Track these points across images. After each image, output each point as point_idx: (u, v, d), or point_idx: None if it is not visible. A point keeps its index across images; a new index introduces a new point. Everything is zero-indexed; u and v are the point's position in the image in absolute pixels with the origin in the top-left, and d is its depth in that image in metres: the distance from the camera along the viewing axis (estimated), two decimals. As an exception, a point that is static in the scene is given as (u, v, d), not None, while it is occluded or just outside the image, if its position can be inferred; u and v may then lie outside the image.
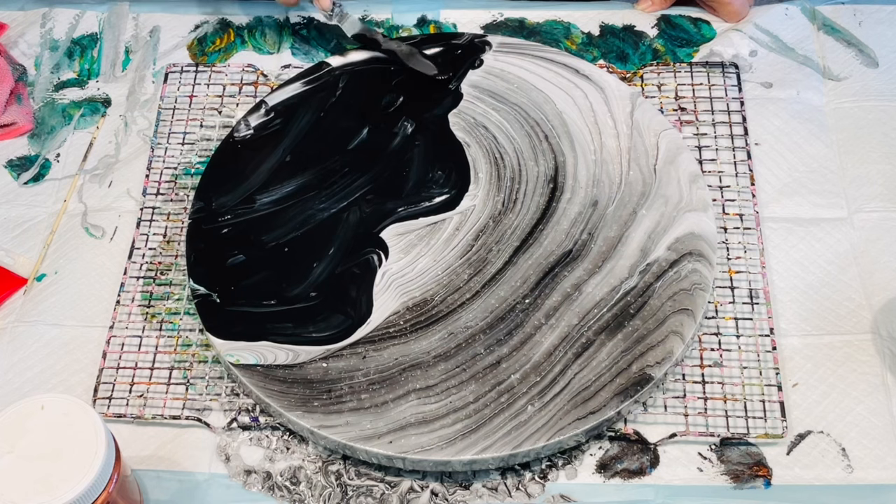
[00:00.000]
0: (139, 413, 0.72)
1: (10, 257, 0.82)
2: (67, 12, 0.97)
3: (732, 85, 0.86)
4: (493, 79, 0.86)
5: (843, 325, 0.74)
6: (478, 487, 0.69)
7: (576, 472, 0.69)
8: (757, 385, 0.71)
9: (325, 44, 0.93)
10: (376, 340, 0.72)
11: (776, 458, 0.69)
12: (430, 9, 0.94)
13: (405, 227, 0.78)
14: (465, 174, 0.81)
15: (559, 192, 0.79)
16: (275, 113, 0.85)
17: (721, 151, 0.83)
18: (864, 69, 0.88)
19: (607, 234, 0.76)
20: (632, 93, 0.84)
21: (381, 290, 0.74)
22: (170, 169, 0.85)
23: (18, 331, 0.77)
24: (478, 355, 0.71)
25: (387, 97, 0.85)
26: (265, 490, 0.69)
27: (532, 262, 0.75)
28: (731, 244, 0.77)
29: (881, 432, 0.69)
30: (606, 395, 0.68)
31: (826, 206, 0.80)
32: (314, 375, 0.70)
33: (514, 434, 0.67)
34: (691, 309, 0.72)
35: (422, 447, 0.66)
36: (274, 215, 0.79)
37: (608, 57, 0.90)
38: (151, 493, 0.69)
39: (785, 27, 0.90)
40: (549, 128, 0.83)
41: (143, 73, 0.92)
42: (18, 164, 0.88)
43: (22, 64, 0.94)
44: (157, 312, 0.77)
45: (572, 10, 0.94)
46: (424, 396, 0.69)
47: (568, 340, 0.71)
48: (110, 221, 0.83)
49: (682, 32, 0.91)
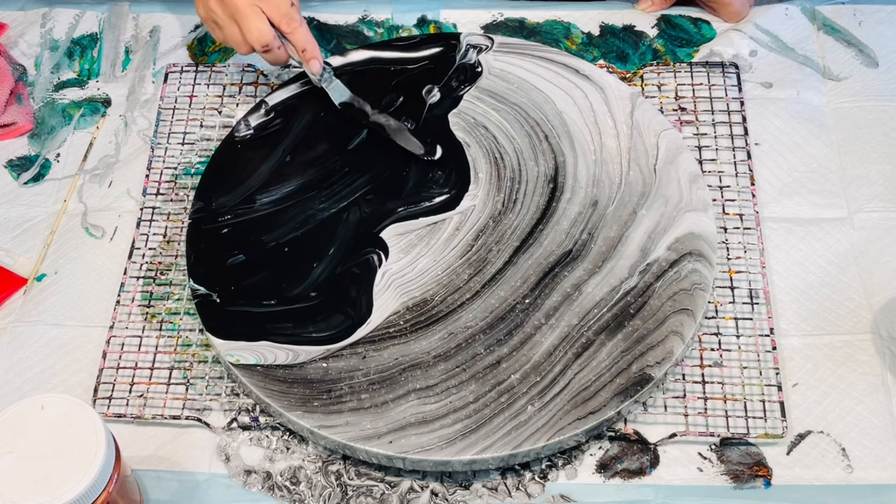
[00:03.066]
0: (139, 413, 0.72)
1: (10, 257, 0.82)
2: (67, 12, 0.97)
3: (732, 85, 0.86)
4: (493, 79, 0.86)
5: (843, 325, 0.74)
6: (478, 487, 0.69)
7: (576, 472, 0.69)
8: (757, 385, 0.71)
9: (325, 44, 0.93)
10: (376, 340, 0.72)
11: (776, 458, 0.69)
12: (430, 9, 0.94)
13: (405, 227, 0.78)
14: (465, 174, 0.81)
15: (559, 192, 0.79)
16: (275, 113, 0.85)
17: (721, 151, 0.83)
18: (864, 69, 0.88)
19: (607, 234, 0.76)
20: (632, 93, 0.84)
21: (381, 290, 0.74)
22: (170, 169, 0.85)
23: (18, 331, 0.77)
24: (478, 355, 0.71)
25: (387, 97, 0.85)
26: (265, 490, 0.69)
27: (532, 262, 0.75)
28: (731, 244, 0.77)
29: (881, 432, 0.69)
30: (606, 395, 0.68)
31: (826, 206, 0.80)
32: (314, 375, 0.70)
33: (514, 434, 0.67)
34: (691, 309, 0.72)
35: (422, 447, 0.66)
36: (274, 215, 0.79)
37: (608, 57, 0.90)
38: (151, 493, 0.69)
39: (785, 27, 0.90)
40: (549, 128, 0.83)
41: (143, 73, 0.92)
42: (18, 164, 0.88)
43: (22, 64, 0.94)
44: (157, 312, 0.77)
45: (572, 10, 0.94)
46: (424, 396, 0.69)
47: (568, 340, 0.71)
48: (110, 221, 0.83)
49: (682, 32, 0.91)
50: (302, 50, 0.80)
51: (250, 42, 0.79)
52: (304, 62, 0.81)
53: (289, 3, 0.79)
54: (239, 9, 0.78)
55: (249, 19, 0.78)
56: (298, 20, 0.79)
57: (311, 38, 0.81)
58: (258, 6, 0.78)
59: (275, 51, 0.80)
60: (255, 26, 0.78)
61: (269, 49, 0.80)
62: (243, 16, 0.78)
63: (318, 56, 0.81)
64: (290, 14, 0.79)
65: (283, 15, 0.79)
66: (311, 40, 0.81)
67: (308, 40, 0.80)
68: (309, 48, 0.81)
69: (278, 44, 0.80)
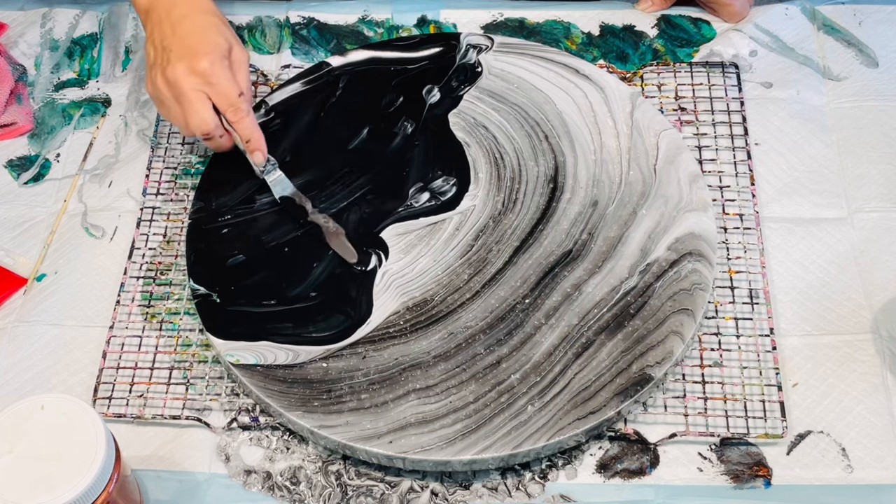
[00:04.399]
0: (139, 413, 0.72)
1: (10, 257, 0.82)
2: (67, 12, 0.97)
3: (732, 85, 0.86)
4: (493, 79, 0.86)
5: (843, 325, 0.74)
6: (478, 487, 0.69)
7: (576, 472, 0.69)
8: (757, 385, 0.71)
9: (325, 44, 0.93)
10: (376, 340, 0.72)
11: (776, 458, 0.69)
12: (430, 9, 0.94)
13: (405, 227, 0.78)
14: (465, 174, 0.81)
15: (559, 192, 0.79)
16: (275, 113, 0.85)
17: (721, 151, 0.83)
18: (864, 69, 0.88)
19: (607, 234, 0.76)
20: (632, 93, 0.84)
21: (381, 290, 0.74)
22: (170, 169, 0.85)
23: (18, 331, 0.77)
24: (478, 355, 0.71)
25: (387, 97, 0.85)
26: (265, 490, 0.69)
27: (532, 262, 0.75)
28: (731, 244, 0.77)
29: (881, 432, 0.69)
30: (606, 395, 0.68)
31: (826, 206, 0.80)
32: (314, 375, 0.70)
33: (514, 434, 0.67)
34: (691, 309, 0.71)
35: (422, 447, 0.66)
36: (274, 215, 0.79)
37: (608, 57, 0.90)
38: (151, 493, 0.69)
39: (785, 27, 0.90)
40: (549, 128, 0.83)
41: (143, 73, 0.92)
42: (18, 164, 0.88)
43: (22, 64, 0.94)
44: (157, 312, 0.77)
45: (572, 10, 0.94)
46: (424, 396, 0.69)
47: (568, 340, 0.71)
48: (110, 221, 0.83)
49: (682, 32, 0.91)
50: (246, 140, 0.77)
51: (191, 128, 0.77)
52: (247, 153, 0.78)
53: (237, 93, 0.76)
54: (184, 92, 0.75)
55: (193, 106, 0.75)
56: (245, 110, 0.76)
57: (257, 129, 0.77)
58: (204, 92, 0.76)
59: (216, 139, 0.78)
60: (197, 114, 0.76)
61: (210, 137, 0.78)
62: (187, 100, 0.75)
63: (262, 148, 0.78)
64: (237, 104, 0.76)
65: (230, 104, 0.76)
66: (256, 131, 0.77)
67: (253, 131, 0.77)
68: (253, 139, 0.77)
69: (221, 132, 0.77)
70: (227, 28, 0.79)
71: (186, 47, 0.76)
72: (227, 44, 0.77)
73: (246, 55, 0.79)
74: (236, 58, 0.78)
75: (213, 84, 0.76)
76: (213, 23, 0.78)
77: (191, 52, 0.75)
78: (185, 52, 0.76)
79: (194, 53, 0.75)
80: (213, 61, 0.75)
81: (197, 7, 0.78)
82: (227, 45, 0.77)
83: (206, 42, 0.76)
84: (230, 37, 0.78)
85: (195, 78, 0.75)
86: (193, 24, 0.77)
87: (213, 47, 0.76)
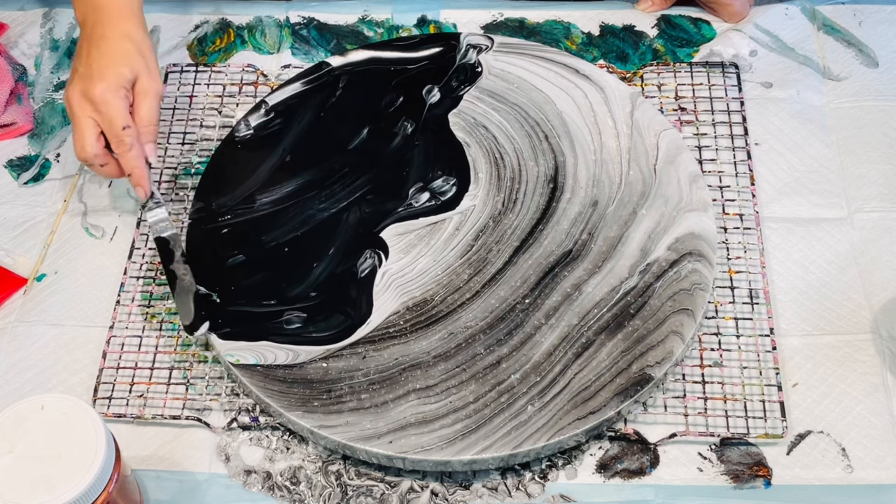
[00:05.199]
0: (139, 413, 0.72)
1: (10, 257, 0.82)
2: (67, 12, 0.97)
3: (732, 85, 0.86)
4: (493, 79, 0.86)
5: (843, 325, 0.74)
6: (478, 487, 0.69)
7: (576, 472, 0.69)
8: (757, 385, 0.71)
9: (325, 44, 0.93)
10: (376, 340, 0.72)
11: (776, 458, 0.69)
12: (430, 9, 0.94)
13: (405, 227, 0.78)
14: (465, 174, 0.81)
15: (559, 192, 0.79)
16: (275, 113, 0.85)
17: (721, 151, 0.83)
18: (863, 69, 0.88)
19: (607, 234, 0.76)
20: (632, 93, 0.84)
21: (381, 290, 0.74)
22: (170, 169, 0.85)
23: (18, 331, 0.77)
24: (478, 355, 0.71)
25: (387, 97, 0.85)
26: (265, 490, 0.69)
27: (532, 262, 0.75)
28: (731, 244, 0.77)
29: (881, 432, 0.69)
30: (606, 395, 0.68)
31: (826, 206, 0.80)
32: (314, 375, 0.70)
33: (514, 434, 0.67)
34: (691, 309, 0.71)
35: (422, 447, 0.66)
36: (274, 215, 0.79)
37: (608, 57, 0.90)
38: (151, 493, 0.69)
39: (785, 27, 0.90)
40: (549, 128, 0.83)
41: (143, 73, 0.92)
42: (18, 164, 0.88)
43: (22, 64, 0.94)
44: (157, 312, 0.77)
45: (572, 10, 0.94)
46: (424, 396, 0.69)
47: (568, 340, 0.71)
48: (110, 221, 0.83)
49: (682, 32, 0.91)
50: (128, 174, 0.77)
51: (75, 152, 0.76)
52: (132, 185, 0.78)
53: (121, 126, 0.74)
54: (74, 115, 0.75)
55: (79, 130, 0.75)
56: (129, 144, 0.75)
57: (140, 166, 0.76)
58: (94, 119, 0.75)
59: (96, 167, 0.77)
60: (80, 139, 0.75)
61: (91, 165, 0.77)
62: (76, 124, 0.75)
63: (143, 184, 0.77)
64: (120, 136, 0.74)
65: (114, 136, 0.75)
66: (138, 167, 0.76)
67: (135, 167, 0.76)
68: (135, 175, 0.76)
69: (102, 161, 0.76)
70: (142, 57, 0.77)
71: (89, 71, 0.75)
72: (130, 74, 0.76)
73: (157, 87, 0.77)
74: (142, 88, 0.76)
75: (102, 112, 0.75)
76: (125, 50, 0.76)
77: (89, 77, 0.75)
78: (86, 75, 0.75)
79: (92, 78, 0.75)
80: (107, 89, 0.74)
81: (118, 31, 0.77)
82: (130, 76, 0.75)
83: (107, 69, 0.75)
84: (140, 67, 0.76)
85: (86, 103, 0.75)
86: (106, 49, 0.76)
87: (113, 75, 0.75)
